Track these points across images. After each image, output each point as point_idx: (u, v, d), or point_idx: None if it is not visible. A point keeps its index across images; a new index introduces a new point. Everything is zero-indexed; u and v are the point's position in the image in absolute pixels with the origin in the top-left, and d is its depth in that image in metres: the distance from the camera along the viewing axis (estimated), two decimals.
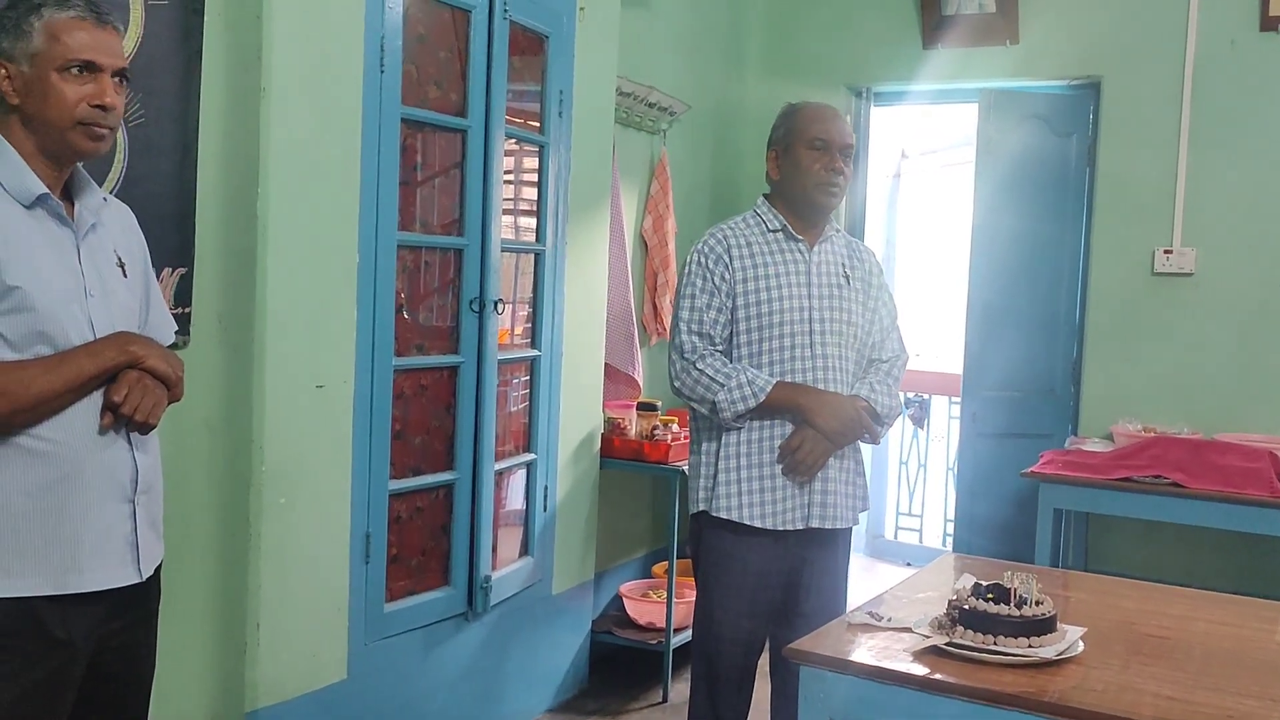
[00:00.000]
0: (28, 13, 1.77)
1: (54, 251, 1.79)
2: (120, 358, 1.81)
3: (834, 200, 2.78)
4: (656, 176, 4.58)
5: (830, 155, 2.74)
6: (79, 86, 1.78)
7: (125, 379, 1.81)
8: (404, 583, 3.20)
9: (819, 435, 2.68)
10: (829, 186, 2.75)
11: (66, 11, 1.78)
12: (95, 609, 1.82)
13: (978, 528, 4.74)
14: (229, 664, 2.73)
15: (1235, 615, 2.36)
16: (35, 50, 1.76)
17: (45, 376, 1.73)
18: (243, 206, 2.68)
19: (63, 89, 1.77)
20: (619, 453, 4.04)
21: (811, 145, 2.75)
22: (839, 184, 2.76)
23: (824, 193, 2.75)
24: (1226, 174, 4.43)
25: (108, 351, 1.81)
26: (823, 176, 2.74)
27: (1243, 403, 4.39)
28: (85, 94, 1.79)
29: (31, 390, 1.72)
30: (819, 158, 2.74)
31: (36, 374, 1.73)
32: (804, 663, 2.03)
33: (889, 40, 5.02)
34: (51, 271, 1.77)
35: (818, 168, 2.74)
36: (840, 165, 2.75)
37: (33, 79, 1.77)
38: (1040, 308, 4.77)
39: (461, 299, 3.28)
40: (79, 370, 1.77)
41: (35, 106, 1.77)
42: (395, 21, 2.95)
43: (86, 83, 1.79)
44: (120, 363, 1.81)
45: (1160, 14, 4.51)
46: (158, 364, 1.85)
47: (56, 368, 1.75)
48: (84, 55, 1.78)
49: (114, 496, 1.83)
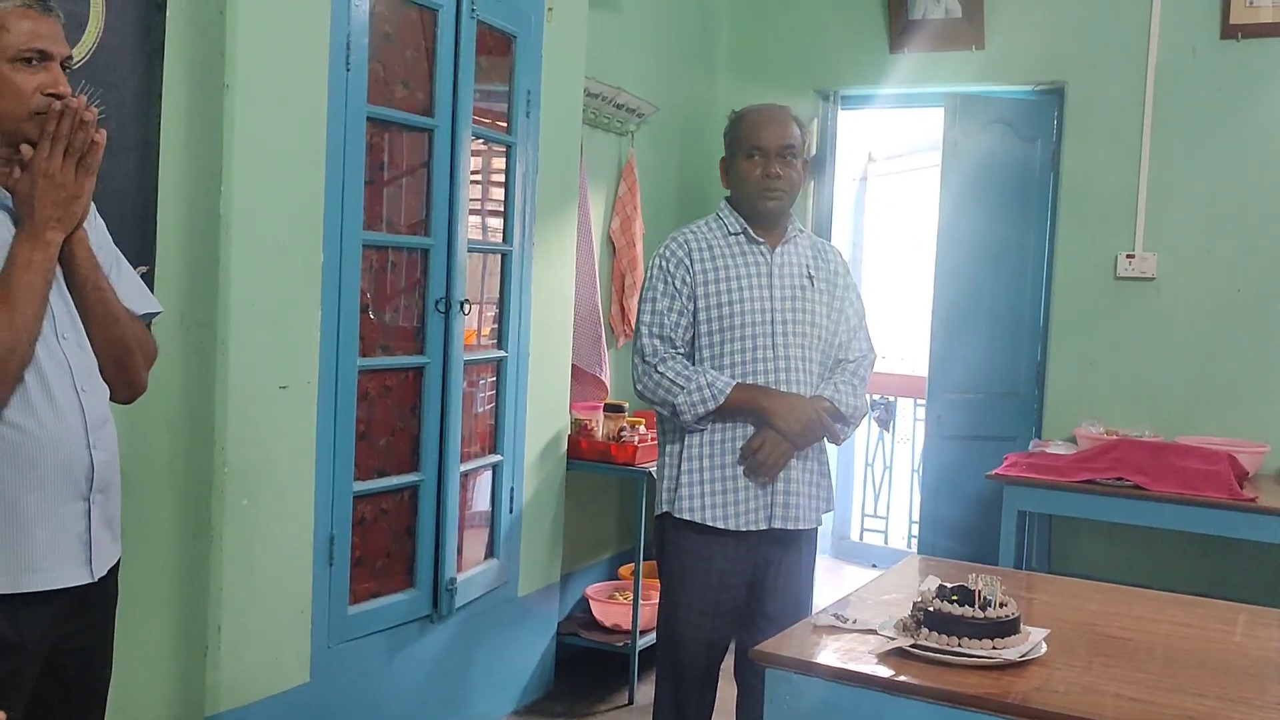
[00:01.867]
0: None
1: (1, 247, 1.75)
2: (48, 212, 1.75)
3: (777, 205, 2.79)
4: (624, 178, 4.58)
5: (767, 161, 2.76)
6: (32, 76, 1.75)
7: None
8: (368, 585, 3.18)
9: (779, 436, 2.69)
10: (769, 193, 2.77)
11: (13, 1, 1.75)
12: (47, 610, 1.79)
13: (942, 530, 4.77)
14: (190, 667, 2.70)
15: (1196, 617, 2.38)
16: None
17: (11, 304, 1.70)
18: (205, 205, 2.65)
19: (15, 79, 1.74)
20: (586, 454, 4.03)
21: (749, 154, 2.78)
22: (780, 187, 2.77)
23: (765, 199, 2.77)
24: (1188, 180, 4.48)
25: (40, 234, 1.74)
26: (761, 183, 2.76)
27: (1203, 406, 4.44)
28: (39, 83, 1.76)
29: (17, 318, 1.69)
30: (757, 164, 2.77)
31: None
32: (769, 665, 2.03)
33: (856, 44, 5.05)
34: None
35: (757, 174, 2.77)
36: (776, 170, 2.76)
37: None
38: (1004, 311, 4.80)
39: (427, 299, 3.26)
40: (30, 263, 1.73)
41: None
42: (361, 20, 2.93)
43: (38, 72, 1.76)
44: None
45: (1123, 21, 4.57)
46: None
47: (7, 295, 1.70)
48: (37, 44, 1.75)
49: (69, 494, 1.80)
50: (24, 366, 1.72)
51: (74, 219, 1.79)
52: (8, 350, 1.68)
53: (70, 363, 1.80)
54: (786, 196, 2.80)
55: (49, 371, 1.77)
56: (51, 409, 1.76)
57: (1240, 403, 4.39)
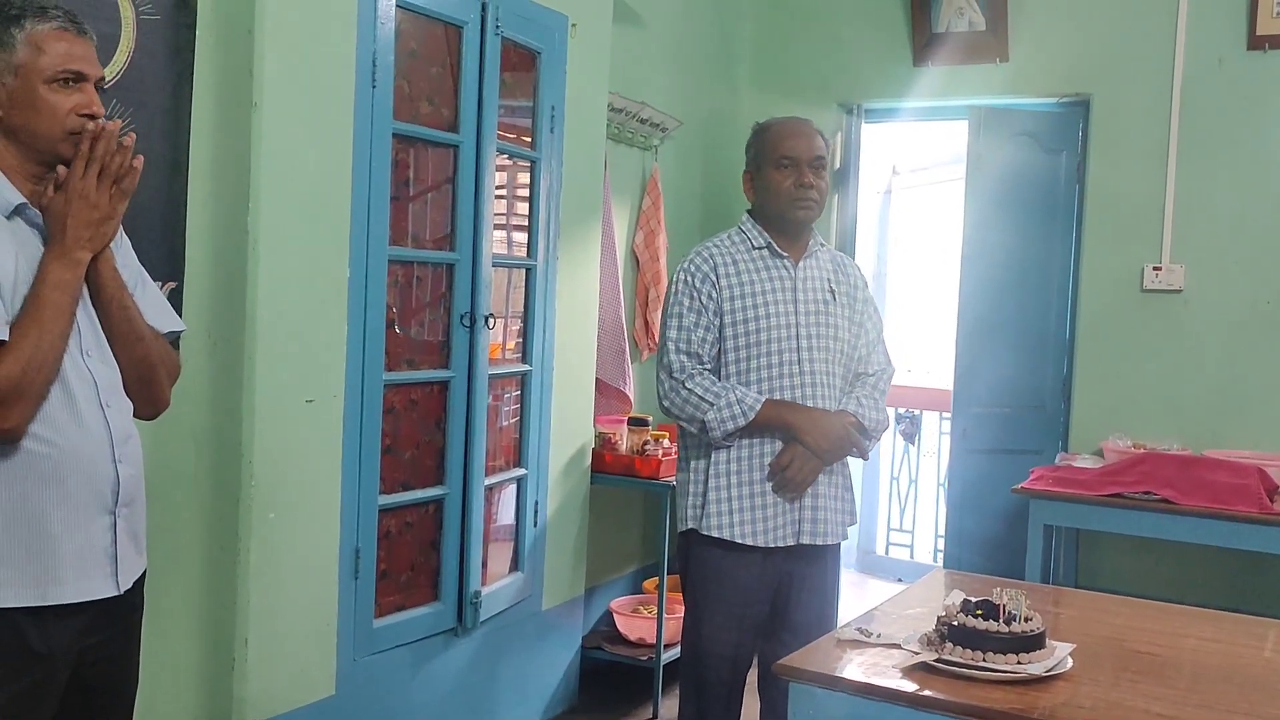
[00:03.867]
0: (6, 24, 1.77)
1: (29, 262, 1.77)
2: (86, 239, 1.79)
3: (809, 214, 2.79)
4: (648, 192, 4.59)
5: (799, 171, 2.76)
6: (67, 97, 1.79)
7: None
8: (393, 598, 3.19)
9: (808, 453, 2.69)
10: (801, 202, 2.76)
11: (49, 23, 1.78)
12: (75, 621, 1.81)
13: (968, 543, 4.74)
14: (217, 679, 2.71)
15: (1225, 632, 2.36)
16: (20, 62, 1.76)
17: (39, 325, 1.72)
18: (233, 221, 2.68)
19: (51, 100, 1.78)
20: (610, 468, 4.04)
21: (779, 164, 2.77)
22: (811, 198, 2.77)
23: (797, 208, 2.77)
24: (1215, 191, 4.45)
25: (69, 254, 1.77)
26: (794, 193, 2.76)
27: (1232, 419, 4.41)
28: (75, 103, 1.79)
29: (45, 344, 1.72)
30: (788, 175, 2.76)
31: (30, 329, 1.71)
32: (793, 679, 2.03)
33: (880, 57, 5.05)
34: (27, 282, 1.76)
35: (788, 184, 2.76)
36: (809, 180, 2.76)
37: (18, 91, 1.76)
38: (1030, 324, 4.78)
39: (452, 314, 3.28)
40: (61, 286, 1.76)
41: (23, 119, 1.77)
42: (387, 37, 2.96)
43: (74, 93, 1.79)
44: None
45: (1149, 32, 4.54)
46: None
47: (36, 313, 1.73)
48: (72, 66, 1.79)
49: (95, 508, 1.82)
50: (50, 383, 1.74)
51: (104, 240, 1.82)
52: (35, 367, 1.71)
53: (95, 378, 1.83)
54: (817, 206, 2.80)
55: (75, 387, 1.79)
56: (77, 424, 1.79)
57: (1269, 416, 4.35)
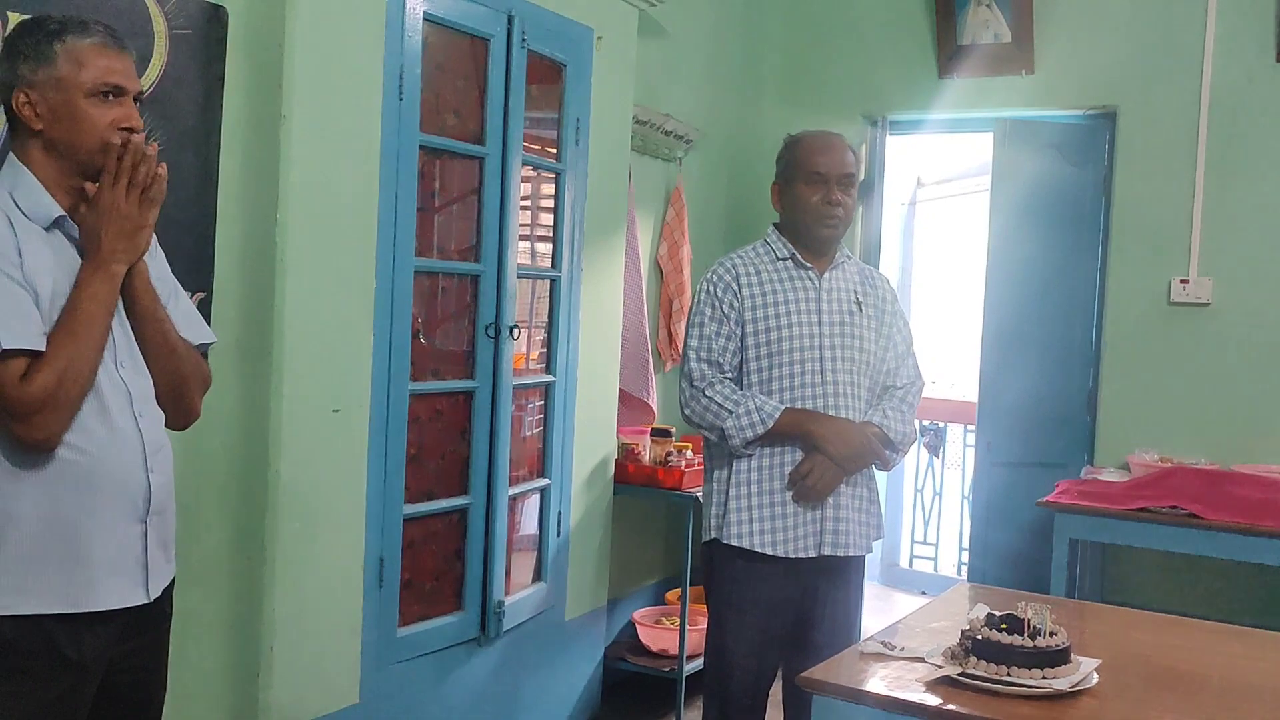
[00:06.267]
0: (48, 39, 1.79)
1: (67, 274, 1.80)
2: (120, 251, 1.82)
3: (834, 232, 2.79)
4: (672, 203, 4.60)
5: (828, 187, 2.75)
6: (107, 110, 1.81)
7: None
8: (417, 607, 3.21)
9: (828, 461, 2.69)
10: (827, 219, 2.76)
11: (89, 38, 1.81)
12: (106, 629, 1.83)
13: (993, 557, 4.71)
14: (243, 686, 2.73)
15: (1253, 648, 2.34)
16: (60, 76, 1.79)
17: (75, 335, 1.75)
18: (262, 232, 2.71)
19: (93, 114, 1.80)
20: (633, 479, 4.04)
21: (809, 179, 2.77)
22: (838, 215, 2.77)
23: (823, 225, 2.77)
24: (1243, 204, 4.42)
25: (106, 267, 1.80)
26: (821, 209, 2.76)
27: (1260, 433, 4.36)
28: (114, 117, 1.82)
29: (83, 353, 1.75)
30: (816, 190, 2.76)
31: (65, 340, 1.74)
32: (817, 692, 2.03)
33: (905, 69, 5.04)
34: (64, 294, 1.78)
35: (816, 200, 2.76)
36: (838, 197, 2.76)
37: (59, 104, 1.79)
38: (1056, 337, 4.75)
39: (477, 324, 3.30)
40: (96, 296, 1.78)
41: (63, 132, 1.80)
42: (414, 50, 2.99)
43: (113, 107, 1.82)
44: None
45: (1176, 45, 4.52)
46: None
47: (72, 325, 1.75)
48: (113, 80, 1.82)
49: (127, 517, 1.84)
50: (85, 394, 1.77)
51: (137, 251, 1.84)
52: (71, 378, 1.73)
53: (129, 388, 1.85)
54: (842, 224, 2.80)
55: (108, 397, 1.81)
56: (110, 433, 1.81)
57: None
